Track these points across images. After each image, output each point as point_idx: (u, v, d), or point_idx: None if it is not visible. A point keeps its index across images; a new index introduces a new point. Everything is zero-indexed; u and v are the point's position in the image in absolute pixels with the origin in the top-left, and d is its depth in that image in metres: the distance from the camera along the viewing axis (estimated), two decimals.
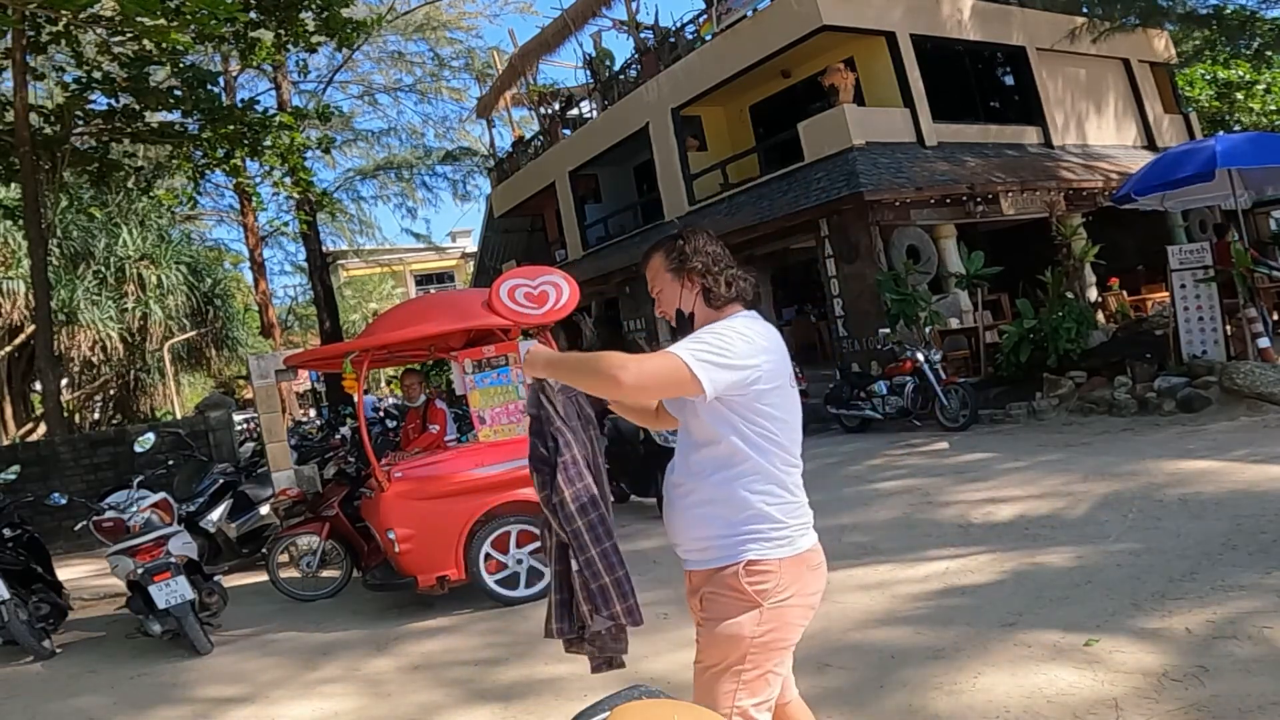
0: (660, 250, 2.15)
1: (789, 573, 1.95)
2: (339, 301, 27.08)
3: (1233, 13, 14.80)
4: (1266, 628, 3.36)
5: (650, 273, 2.18)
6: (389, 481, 5.52)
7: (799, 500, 2.02)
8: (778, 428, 1.98)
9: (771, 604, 1.94)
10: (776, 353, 2.00)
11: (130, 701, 4.70)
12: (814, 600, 2.03)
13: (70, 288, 18.76)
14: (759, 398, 1.95)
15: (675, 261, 2.11)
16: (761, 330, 2.02)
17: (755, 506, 1.95)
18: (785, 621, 1.96)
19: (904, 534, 5.78)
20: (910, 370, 10.17)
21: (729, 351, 1.90)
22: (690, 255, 2.10)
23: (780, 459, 1.99)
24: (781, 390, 2.00)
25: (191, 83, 12.06)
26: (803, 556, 1.98)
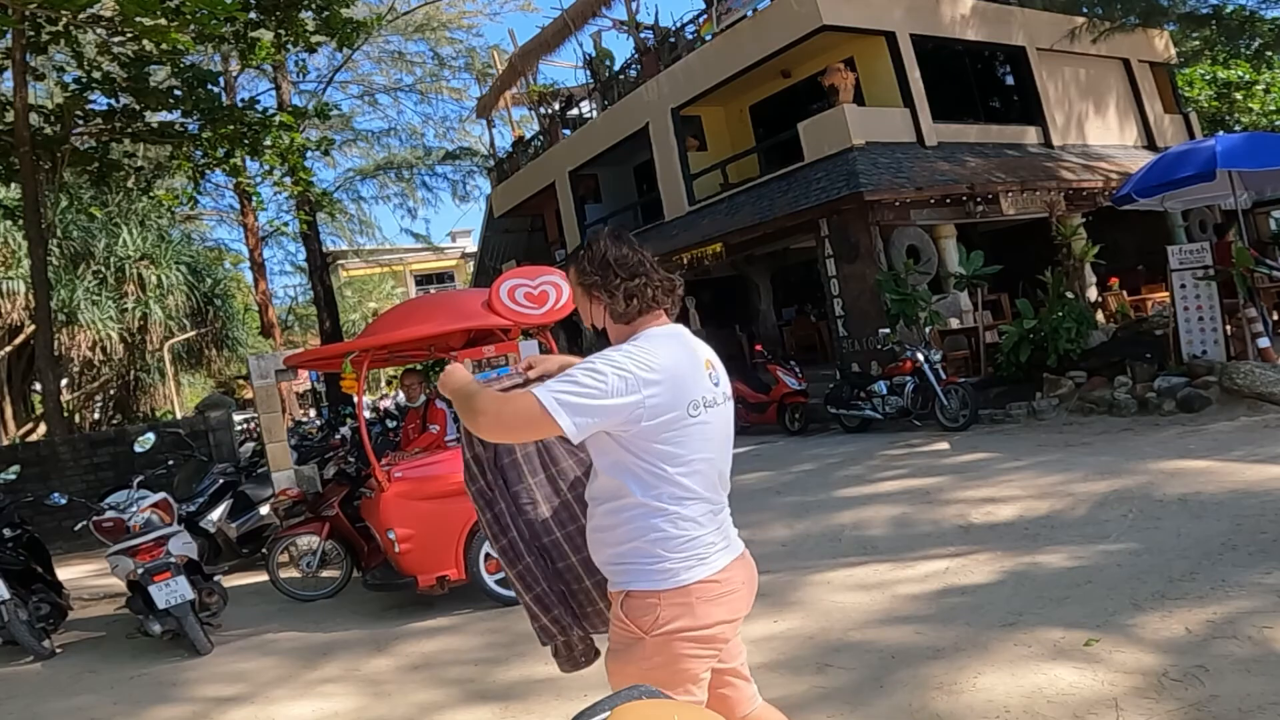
0: (571, 264, 2.07)
1: (672, 605, 1.86)
2: (339, 301, 27.09)
3: (1233, 13, 14.80)
4: (1266, 628, 3.36)
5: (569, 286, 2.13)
6: (389, 481, 5.52)
7: (690, 534, 1.89)
8: (671, 462, 1.86)
9: (655, 636, 1.87)
10: (672, 381, 1.85)
11: (130, 701, 4.70)
12: (715, 633, 1.91)
13: (70, 288, 18.74)
14: (645, 434, 1.84)
15: (578, 276, 2.03)
16: (662, 354, 1.86)
17: (635, 541, 1.89)
18: (674, 654, 1.88)
19: (904, 534, 5.78)
20: (910, 370, 10.17)
21: (599, 390, 1.78)
22: (588, 270, 1.99)
23: (671, 494, 1.87)
24: (676, 422, 1.85)
25: (191, 83, 12.06)
26: (690, 589, 1.87)
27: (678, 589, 1.87)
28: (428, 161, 29.35)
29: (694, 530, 1.89)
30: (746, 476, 8.92)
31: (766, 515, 6.86)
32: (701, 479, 1.91)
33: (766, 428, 12.16)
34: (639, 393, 1.80)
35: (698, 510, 1.90)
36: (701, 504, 1.92)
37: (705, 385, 1.93)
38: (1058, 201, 12.96)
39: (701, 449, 1.90)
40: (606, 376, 1.79)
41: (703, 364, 1.95)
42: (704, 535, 1.91)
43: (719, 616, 1.91)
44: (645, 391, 1.81)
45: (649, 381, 1.81)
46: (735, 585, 1.94)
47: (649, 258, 2.01)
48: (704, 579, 1.88)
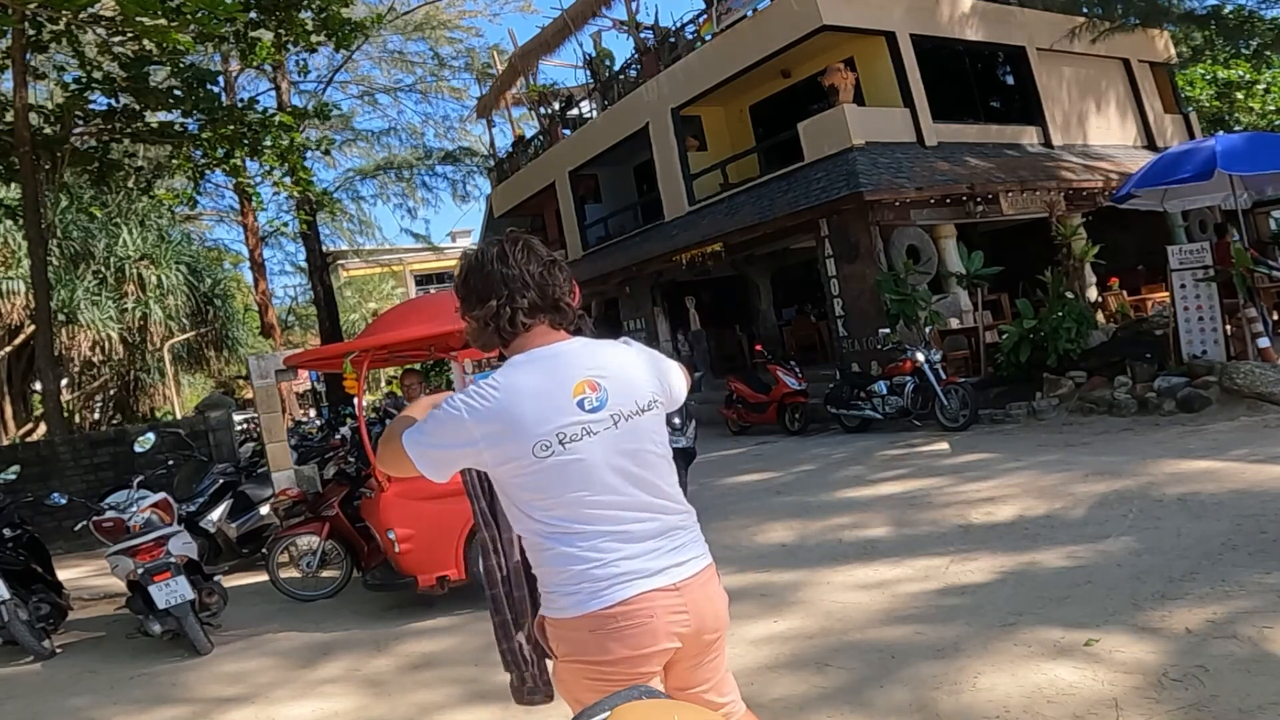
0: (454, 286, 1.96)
1: (565, 636, 1.80)
2: (339, 301, 27.08)
3: (1232, 13, 14.81)
4: (1266, 628, 3.36)
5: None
6: (389, 481, 5.52)
7: (577, 568, 1.75)
8: (533, 502, 1.77)
9: (560, 661, 1.85)
10: (511, 422, 1.71)
11: (130, 701, 4.70)
12: (618, 669, 1.75)
13: (70, 288, 18.74)
14: (500, 475, 1.80)
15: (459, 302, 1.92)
16: (503, 393, 1.73)
17: (537, 568, 1.85)
18: (571, 680, 1.82)
19: (904, 534, 5.78)
20: (910, 370, 10.17)
21: (441, 436, 1.75)
22: (460, 294, 1.89)
23: (544, 530, 1.77)
24: (525, 466, 1.73)
25: (191, 83, 12.06)
26: (578, 620, 1.75)
27: (570, 619, 1.77)
28: (428, 161, 29.35)
29: (579, 565, 1.75)
30: (746, 476, 8.92)
31: (766, 515, 6.86)
32: (582, 516, 1.76)
33: (766, 428, 12.16)
34: (471, 444, 1.73)
35: (583, 547, 1.75)
36: (589, 540, 1.75)
37: (567, 417, 1.73)
38: (1058, 201, 12.97)
39: (574, 487, 1.74)
40: (443, 425, 1.74)
41: (569, 391, 1.76)
42: (594, 569, 1.74)
43: (618, 652, 1.74)
44: (479, 441, 1.73)
45: (480, 430, 1.72)
46: (640, 619, 1.74)
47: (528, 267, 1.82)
48: (595, 612, 1.74)
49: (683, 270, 15.58)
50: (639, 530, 1.79)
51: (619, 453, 1.78)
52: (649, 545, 1.80)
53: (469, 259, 1.87)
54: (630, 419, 1.80)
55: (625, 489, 1.79)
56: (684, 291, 17.09)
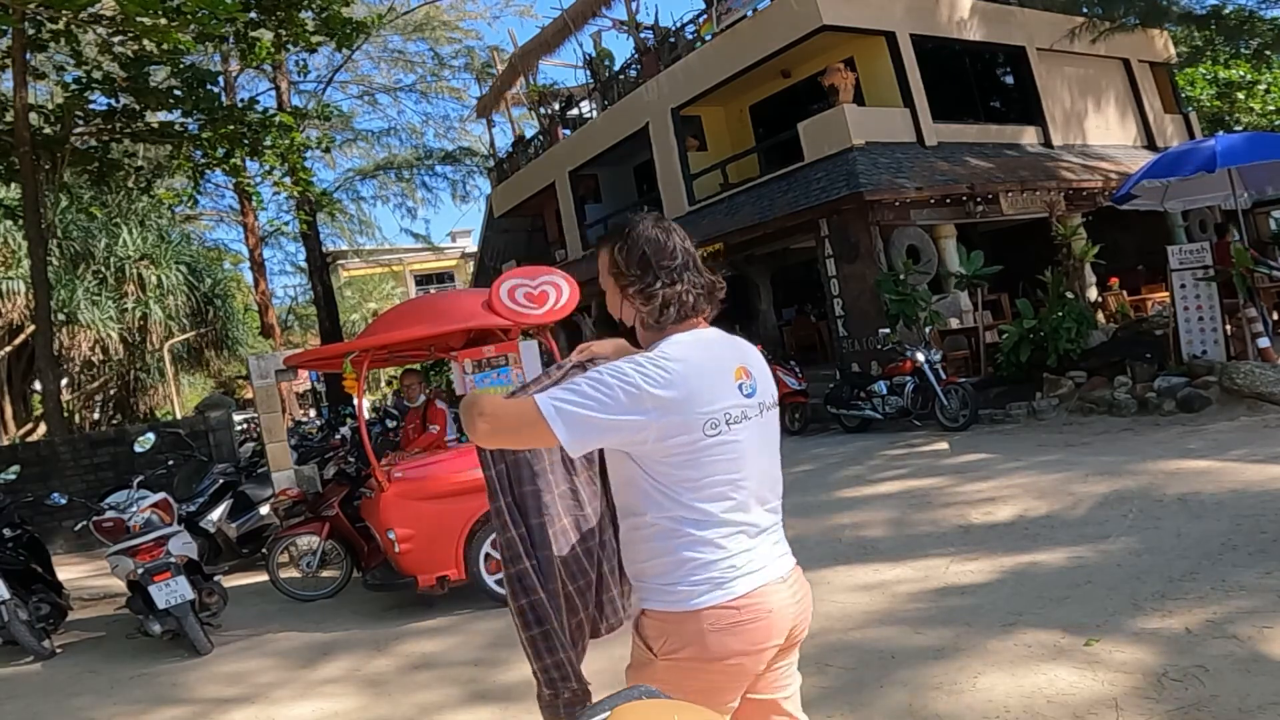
0: (605, 248, 1.85)
1: (680, 632, 1.73)
2: (339, 301, 27.09)
3: (1232, 13, 14.81)
4: (1266, 628, 3.36)
5: (600, 270, 1.88)
6: (389, 481, 5.52)
7: (706, 558, 1.73)
8: (684, 486, 1.72)
9: (664, 660, 1.75)
10: (686, 399, 1.69)
11: (130, 702, 4.70)
12: (730, 664, 1.74)
13: (70, 288, 18.74)
14: (654, 454, 1.71)
15: (610, 267, 1.83)
16: (677, 368, 1.70)
17: (650, 560, 1.77)
18: (684, 681, 1.72)
19: (904, 534, 5.78)
20: (910, 370, 10.17)
21: (601, 404, 1.65)
22: (623, 268, 1.80)
23: (684, 518, 1.73)
24: (691, 444, 1.70)
25: (191, 83, 12.06)
26: (701, 615, 1.71)
27: (688, 613, 1.72)
28: (428, 161, 29.36)
29: (711, 554, 1.73)
30: None
31: None
32: (725, 502, 1.75)
33: None
34: (644, 413, 1.66)
35: (718, 534, 1.74)
36: (724, 528, 1.75)
37: (731, 399, 1.75)
38: (1058, 201, 12.96)
39: (725, 470, 1.74)
40: (612, 390, 1.65)
41: (732, 374, 1.78)
42: (725, 559, 1.74)
43: (735, 648, 1.73)
44: (651, 412, 1.66)
45: (657, 400, 1.66)
46: (758, 614, 1.74)
47: (694, 255, 1.83)
48: (718, 605, 1.72)
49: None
50: (762, 523, 1.81)
51: (762, 441, 1.81)
52: (766, 538, 1.82)
53: (649, 233, 1.82)
54: (769, 410, 1.85)
55: (761, 479, 1.81)
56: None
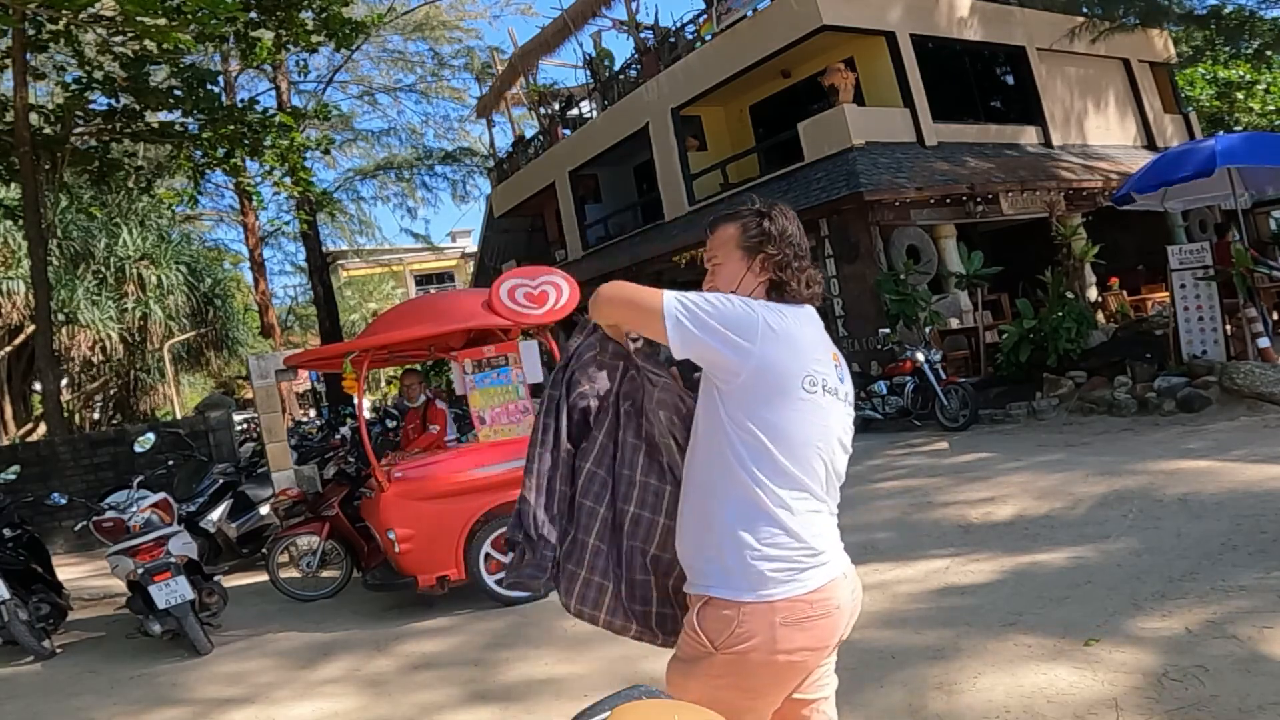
0: (739, 222, 1.85)
1: (751, 622, 1.66)
2: (339, 301, 27.09)
3: (1232, 13, 14.80)
4: (1266, 627, 3.36)
5: (718, 242, 1.87)
6: (389, 481, 5.52)
7: (787, 537, 1.68)
8: (775, 437, 1.67)
9: (727, 653, 1.67)
10: (794, 344, 1.70)
11: (130, 702, 4.70)
12: (795, 659, 1.69)
13: (70, 288, 18.73)
14: (751, 392, 1.67)
15: (752, 240, 1.82)
16: (792, 318, 1.74)
17: (726, 533, 1.69)
18: (745, 677, 1.67)
19: (904, 534, 5.78)
20: (910, 370, 10.17)
21: (720, 316, 1.66)
22: (775, 239, 1.82)
23: (772, 476, 1.67)
24: (788, 391, 1.67)
25: (191, 83, 12.06)
26: (775, 606, 1.65)
27: (760, 604, 1.65)
28: (428, 161, 29.34)
29: (792, 532, 1.68)
30: None
31: None
32: (809, 470, 1.70)
33: None
34: (752, 338, 1.66)
35: (802, 507, 1.69)
36: (808, 500, 1.71)
37: (829, 369, 1.76)
38: (1058, 201, 12.96)
39: (813, 434, 1.70)
40: (731, 303, 1.70)
41: (829, 353, 1.79)
42: (803, 543, 1.69)
43: (801, 643, 1.68)
44: (759, 340, 1.66)
45: (772, 330, 1.67)
46: (828, 609, 1.70)
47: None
48: (793, 597, 1.66)
49: (682, 270, 15.55)
50: (829, 510, 1.79)
51: (843, 429, 1.80)
52: (833, 527, 1.80)
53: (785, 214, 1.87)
54: (850, 406, 1.84)
55: (835, 464, 1.78)
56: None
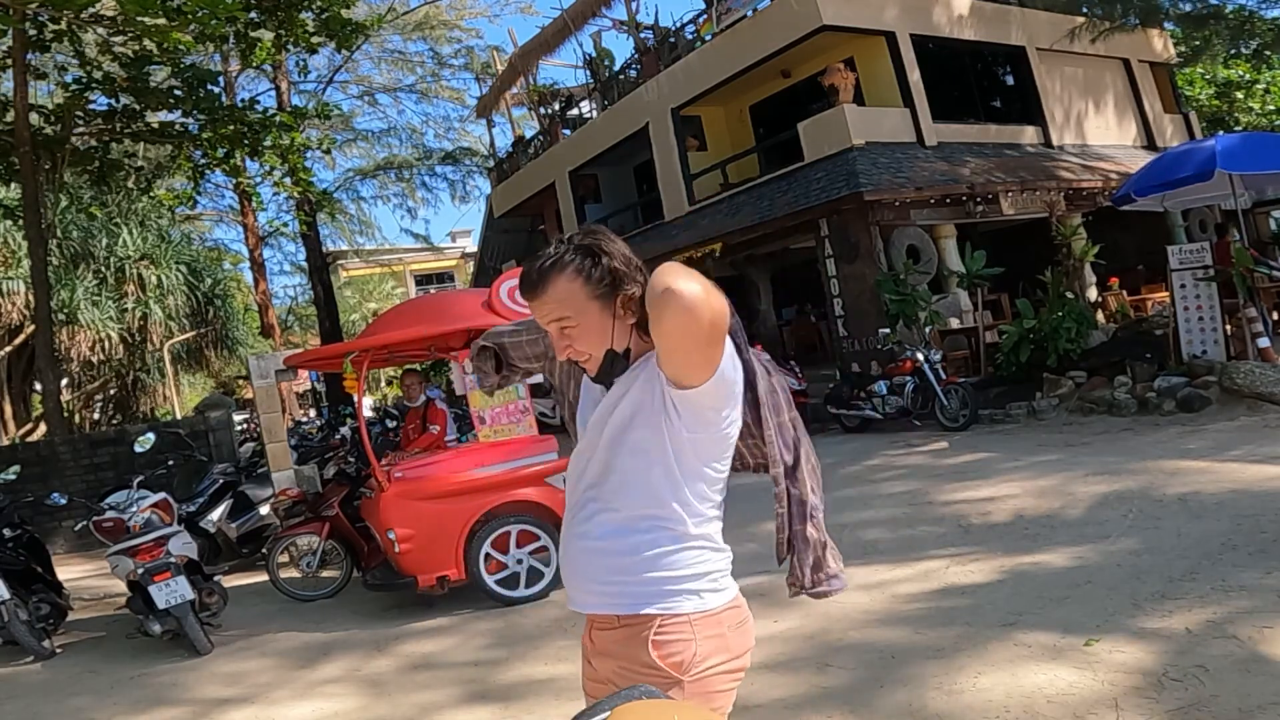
0: (572, 268, 1.55)
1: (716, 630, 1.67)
2: (339, 301, 27.08)
3: (1232, 13, 14.80)
4: (1266, 628, 3.36)
5: (557, 300, 1.56)
6: (389, 481, 5.52)
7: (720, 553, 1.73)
8: (710, 472, 1.66)
9: (693, 678, 1.61)
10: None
11: (130, 702, 4.70)
12: (743, 666, 1.67)
13: (70, 288, 18.73)
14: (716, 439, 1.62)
15: (604, 285, 1.55)
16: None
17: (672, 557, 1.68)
18: (711, 697, 1.64)
19: (904, 534, 5.78)
20: (910, 370, 10.17)
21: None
22: (623, 272, 1.56)
23: (707, 512, 1.68)
24: (735, 408, 1.65)
25: (191, 83, 12.06)
26: (722, 615, 1.66)
27: (710, 615, 1.62)
28: (428, 162, 29.35)
29: (719, 550, 1.69)
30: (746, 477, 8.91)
31: (766, 516, 6.84)
32: (721, 496, 1.71)
33: None
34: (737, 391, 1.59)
35: (719, 528, 1.72)
36: (719, 522, 1.72)
37: None
38: (1058, 201, 12.97)
39: (726, 461, 1.69)
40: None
41: None
42: (724, 555, 1.71)
43: (747, 644, 1.69)
44: (738, 390, 1.59)
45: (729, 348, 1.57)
46: (746, 612, 1.72)
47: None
48: (730, 604, 1.67)
49: None
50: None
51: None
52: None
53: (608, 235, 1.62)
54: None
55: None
56: None
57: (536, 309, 1.60)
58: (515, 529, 5.58)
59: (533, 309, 1.61)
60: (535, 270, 1.58)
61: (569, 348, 1.60)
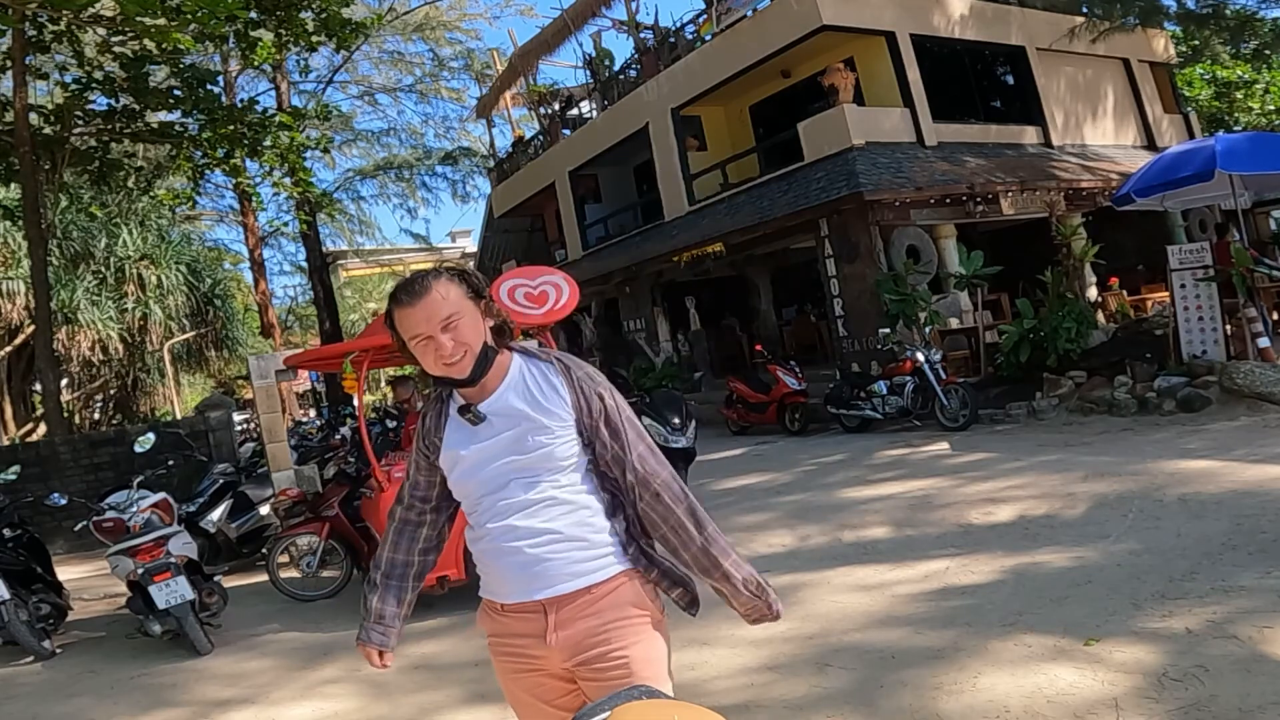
0: (447, 276, 1.86)
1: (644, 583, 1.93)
2: (339, 301, 27.09)
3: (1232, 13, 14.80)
4: (1266, 627, 3.36)
5: (440, 301, 1.79)
6: (389, 481, 5.52)
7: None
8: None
9: (659, 614, 1.98)
10: None
11: (130, 702, 4.70)
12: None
13: (70, 288, 18.74)
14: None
15: (473, 291, 1.85)
16: None
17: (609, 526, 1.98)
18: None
19: (904, 534, 5.78)
20: (910, 370, 10.17)
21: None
22: (482, 286, 1.90)
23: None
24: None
25: (191, 83, 12.07)
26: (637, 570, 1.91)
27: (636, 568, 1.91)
28: (427, 162, 29.37)
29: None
30: (747, 477, 8.92)
31: (766, 516, 6.86)
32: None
33: (766, 428, 12.16)
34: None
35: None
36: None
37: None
38: (1058, 201, 12.96)
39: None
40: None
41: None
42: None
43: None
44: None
45: None
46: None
47: None
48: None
49: (682, 270, 15.57)
50: None
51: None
52: None
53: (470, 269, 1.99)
54: None
55: None
56: (684, 291, 17.09)
57: (423, 310, 1.78)
58: None
59: (417, 313, 1.79)
60: (418, 279, 1.84)
61: (451, 345, 1.78)
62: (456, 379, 1.84)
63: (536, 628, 1.87)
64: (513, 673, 1.96)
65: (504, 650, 1.97)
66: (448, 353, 1.78)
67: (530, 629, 1.89)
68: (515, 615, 1.91)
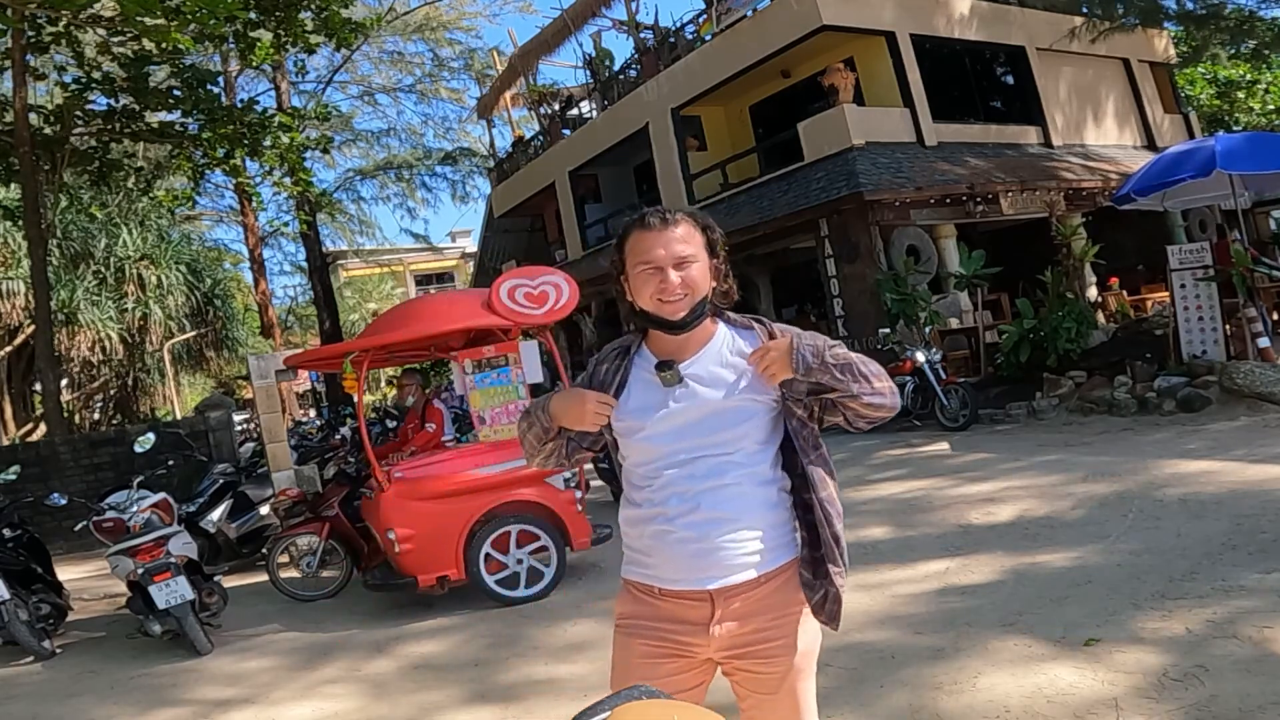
0: (694, 220, 1.84)
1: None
2: (339, 301, 27.08)
3: (1232, 13, 14.79)
4: (1266, 627, 3.36)
5: (684, 239, 1.78)
6: (389, 481, 5.52)
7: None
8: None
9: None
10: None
11: (130, 702, 4.70)
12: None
13: (70, 288, 18.74)
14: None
15: (708, 245, 1.84)
16: None
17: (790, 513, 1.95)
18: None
19: (904, 534, 5.78)
20: (910, 370, 10.16)
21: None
22: (719, 246, 1.87)
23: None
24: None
25: (191, 83, 12.06)
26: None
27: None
28: (427, 162, 29.36)
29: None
30: None
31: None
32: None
33: None
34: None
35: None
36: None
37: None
38: (1058, 201, 12.96)
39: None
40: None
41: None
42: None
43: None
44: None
45: None
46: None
47: None
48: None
49: None
50: None
51: None
52: None
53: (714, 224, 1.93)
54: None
55: None
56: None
57: (665, 239, 1.75)
58: (515, 529, 5.58)
59: (659, 240, 1.75)
60: (669, 211, 1.82)
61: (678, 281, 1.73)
62: (667, 318, 1.76)
63: (700, 615, 1.75)
64: (652, 658, 1.78)
65: (649, 635, 1.78)
66: (671, 288, 1.73)
67: (693, 616, 1.76)
68: (676, 601, 1.76)
